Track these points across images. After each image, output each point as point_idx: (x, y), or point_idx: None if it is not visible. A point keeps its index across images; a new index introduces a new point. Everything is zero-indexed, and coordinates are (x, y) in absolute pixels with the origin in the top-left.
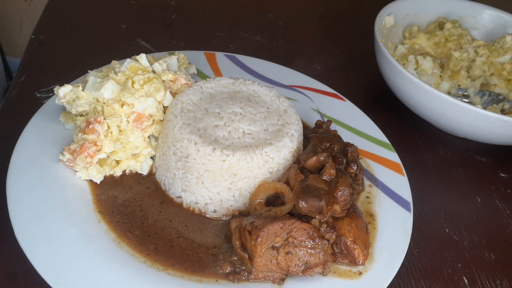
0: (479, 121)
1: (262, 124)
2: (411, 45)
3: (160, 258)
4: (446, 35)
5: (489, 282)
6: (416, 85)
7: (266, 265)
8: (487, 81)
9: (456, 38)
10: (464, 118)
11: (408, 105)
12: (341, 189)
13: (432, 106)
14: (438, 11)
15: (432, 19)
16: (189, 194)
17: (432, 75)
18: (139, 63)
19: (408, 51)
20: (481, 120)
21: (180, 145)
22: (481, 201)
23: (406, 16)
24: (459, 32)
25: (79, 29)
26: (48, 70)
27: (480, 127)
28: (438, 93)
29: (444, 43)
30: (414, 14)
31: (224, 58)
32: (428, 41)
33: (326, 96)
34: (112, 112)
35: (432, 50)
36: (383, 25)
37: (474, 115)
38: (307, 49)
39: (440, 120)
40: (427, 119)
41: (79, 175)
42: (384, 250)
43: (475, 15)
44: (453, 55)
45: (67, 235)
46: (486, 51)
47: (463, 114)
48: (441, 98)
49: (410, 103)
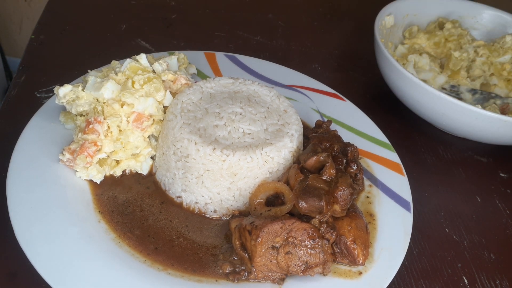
0: (479, 121)
1: (262, 124)
2: (411, 45)
3: (160, 258)
4: (446, 35)
5: (489, 282)
6: (416, 85)
7: (266, 265)
8: (487, 81)
9: (456, 38)
10: (464, 118)
11: (408, 105)
12: (341, 189)
13: (432, 106)
14: (438, 11)
15: (432, 19)
16: (189, 194)
17: (430, 71)
18: (139, 63)
19: (408, 51)
20: (481, 120)
21: (180, 145)
22: (481, 201)
23: (406, 16)
24: (459, 32)
25: (79, 29)
26: (48, 70)
27: (480, 127)
28: (438, 93)
29: (444, 43)
30: (414, 14)
31: (224, 58)
32: (428, 41)
33: (326, 96)
34: (112, 112)
35: (432, 50)
36: (383, 25)
37: (474, 115)
38: (307, 49)
39: (440, 120)
40: (427, 119)
41: (79, 175)
42: (384, 250)
43: (475, 15)
44: (453, 55)
45: (67, 235)
46: (486, 51)
47: (463, 114)
48: (440, 98)
49: (410, 103)
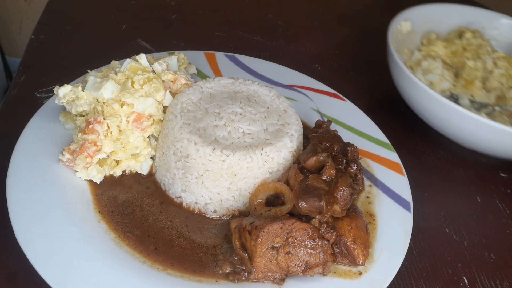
0: (500, 136)
1: (262, 124)
2: (427, 52)
3: (160, 258)
4: (464, 44)
5: (489, 282)
6: (422, 90)
7: (266, 265)
8: (503, 94)
9: (475, 48)
10: (485, 133)
11: (419, 114)
12: (341, 189)
13: (448, 120)
14: (459, 20)
15: (453, 28)
16: (189, 194)
17: (438, 74)
18: (139, 63)
19: (423, 57)
20: (492, 133)
21: (180, 145)
22: (481, 201)
23: (424, 23)
24: (479, 42)
25: (79, 29)
26: (48, 70)
27: (491, 139)
28: (455, 106)
29: (461, 53)
30: (433, 22)
31: (224, 58)
32: (445, 49)
33: (326, 96)
34: (112, 112)
35: (448, 58)
36: (399, 30)
37: (486, 127)
38: (307, 49)
39: (454, 133)
40: (439, 130)
41: (79, 175)
42: (384, 250)
43: (498, 26)
44: (467, 64)
45: (67, 235)
46: (505, 63)
47: (472, 125)
48: (457, 111)
49: (421, 111)
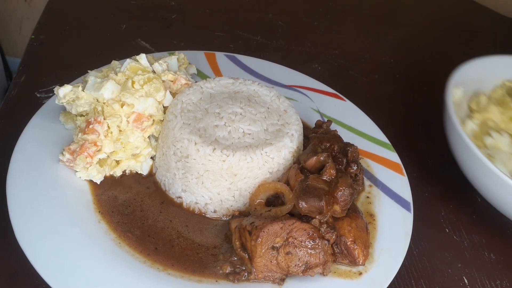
0: None
1: (262, 124)
2: (482, 121)
3: (160, 258)
4: None
5: (489, 282)
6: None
7: (266, 265)
8: None
9: None
10: None
11: (477, 188)
12: (341, 189)
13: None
14: (503, 72)
15: (497, 83)
16: (189, 194)
17: (508, 153)
18: (139, 63)
19: (480, 128)
20: None
21: (180, 145)
22: (481, 201)
23: (470, 83)
24: None
25: (79, 29)
26: (48, 70)
27: None
28: None
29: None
30: (478, 80)
31: (224, 58)
32: (503, 115)
33: (326, 96)
34: (112, 112)
35: (506, 125)
36: (454, 102)
37: None
38: (307, 49)
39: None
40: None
41: (79, 175)
42: (384, 250)
43: None
44: None
45: (67, 235)
46: None
47: None
48: None
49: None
